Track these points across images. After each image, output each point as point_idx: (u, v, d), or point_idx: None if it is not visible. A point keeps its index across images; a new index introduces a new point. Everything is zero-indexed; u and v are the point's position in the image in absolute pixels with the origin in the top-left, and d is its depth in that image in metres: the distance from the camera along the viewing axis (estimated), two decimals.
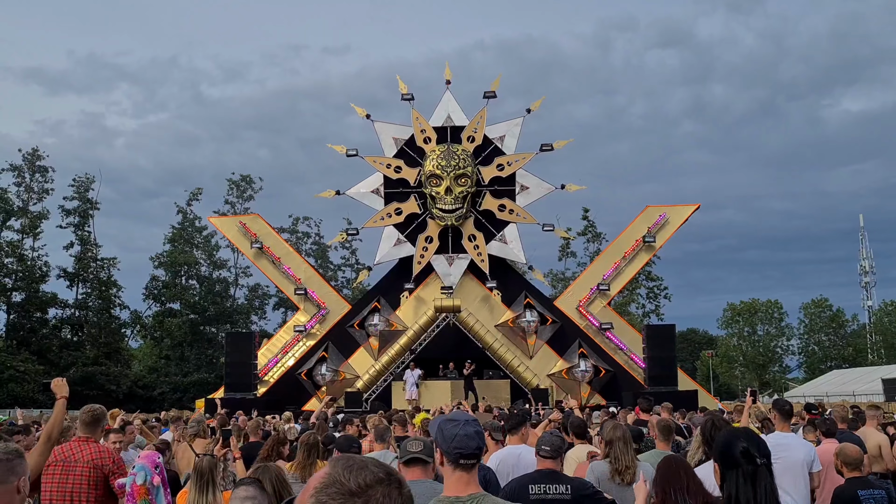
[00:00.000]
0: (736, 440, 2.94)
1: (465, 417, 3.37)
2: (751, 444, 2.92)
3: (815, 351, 72.16)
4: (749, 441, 2.94)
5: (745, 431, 3.03)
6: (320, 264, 61.35)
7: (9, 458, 3.49)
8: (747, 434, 3.00)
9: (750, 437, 2.98)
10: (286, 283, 31.04)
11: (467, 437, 3.21)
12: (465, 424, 3.27)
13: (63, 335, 52.57)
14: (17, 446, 3.79)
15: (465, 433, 3.22)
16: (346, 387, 27.71)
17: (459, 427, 3.23)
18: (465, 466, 3.18)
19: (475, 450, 3.22)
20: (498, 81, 31.66)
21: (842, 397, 36.40)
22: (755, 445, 2.92)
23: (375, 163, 31.00)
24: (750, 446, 2.92)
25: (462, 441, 3.19)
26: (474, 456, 3.21)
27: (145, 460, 4.47)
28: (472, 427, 3.28)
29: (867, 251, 79.22)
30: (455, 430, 3.22)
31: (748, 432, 3.03)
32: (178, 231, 57.14)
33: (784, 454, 6.99)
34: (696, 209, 31.17)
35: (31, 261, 50.62)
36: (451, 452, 3.17)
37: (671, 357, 27.53)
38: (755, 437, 3.00)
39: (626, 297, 58.90)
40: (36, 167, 51.50)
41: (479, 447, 3.23)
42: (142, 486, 4.32)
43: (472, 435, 3.23)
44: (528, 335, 28.60)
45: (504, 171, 30.36)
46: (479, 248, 29.76)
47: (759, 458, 2.88)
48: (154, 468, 4.41)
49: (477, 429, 3.27)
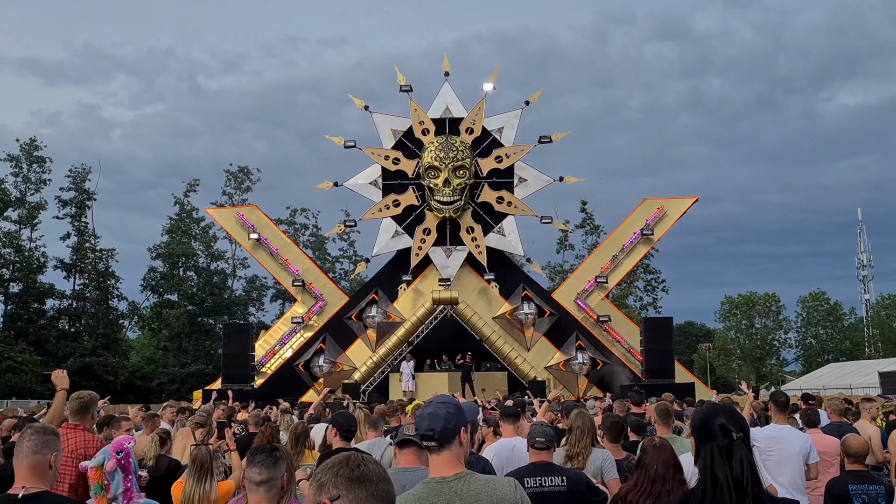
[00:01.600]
0: (714, 414, 2.90)
1: (441, 399, 3.27)
2: (728, 419, 2.87)
3: (812, 344, 72.26)
4: (727, 415, 2.89)
5: (724, 407, 2.99)
6: (318, 256, 61.30)
7: (45, 432, 3.96)
8: (725, 409, 2.96)
9: (728, 412, 2.93)
10: (284, 275, 31.03)
11: (420, 417, 3.18)
12: (427, 405, 3.23)
13: (61, 326, 52.53)
14: (54, 427, 4.29)
15: (420, 414, 3.19)
16: (343, 378, 27.74)
17: (430, 406, 3.19)
18: (429, 448, 3.14)
19: (426, 430, 3.12)
20: (496, 74, 31.62)
21: (839, 390, 36.47)
22: (733, 420, 2.87)
23: (374, 154, 30.95)
24: (728, 421, 2.86)
25: (417, 422, 3.19)
26: (429, 437, 3.12)
27: (111, 445, 4.47)
28: (430, 408, 3.18)
29: (865, 245, 79.20)
30: (423, 410, 3.20)
31: (727, 408, 3.00)
32: (176, 222, 57.06)
33: (779, 446, 7.02)
34: (694, 202, 31.18)
35: (29, 251, 50.55)
36: (419, 432, 3.17)
37: (668, 350, 27.60)
38: (733, 412, 2.94)
39: (624, 289, 58.92)
40: (33, 157, 51.35)
41: (430, 428, 3.10)
42: (95, 470, 4.30)
43: (424, 416, 3.16)
44: (526, 327, 28.62)
45: (502, 163, 30.32)
46: (477, 240, 29.75)
47: (736, 432, 2.82)
48: (116, 453, 4.39)
49: (434, 410, 3.15)
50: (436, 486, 3.08)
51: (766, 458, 7.03)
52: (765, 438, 7.43)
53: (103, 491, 4.34)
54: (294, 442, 6.74)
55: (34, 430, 4.00)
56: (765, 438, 7.43)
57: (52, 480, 3.95)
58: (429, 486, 3.10)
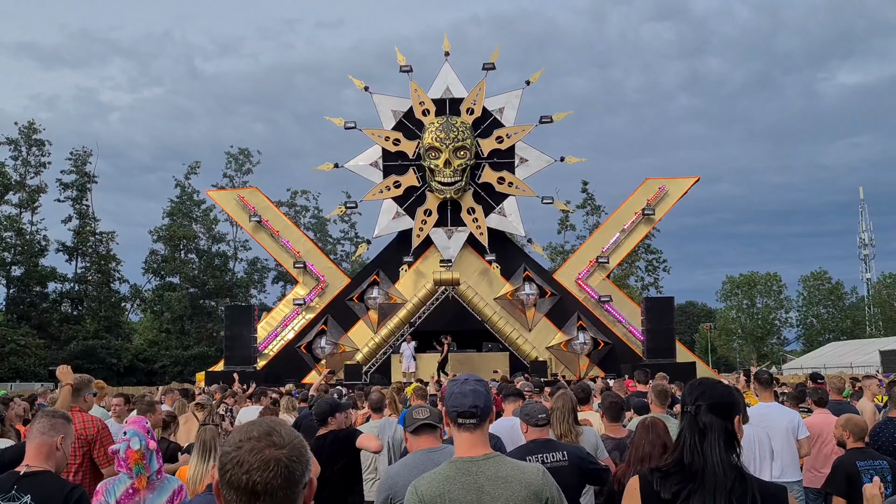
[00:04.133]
0: (695, 387, 2.85)
1: (468, 377, 3.27)
2: (688, 392, 2.83)
3: (813, 323, 72.38)
4: (689, 388, 2.84)
5: (710, 380, 2.90)
6: (319, 238, 61.31)
7: (53, 416, 4.15)
8: (694, 384, 2.88)
9: (692, 386, 2.86)
10: (285, 257, 31.03)
11: (462, 394, 3.13)
12: (464, 383, 3.20)
13: (63, 309, 52.67)
14: (66, 412, 4.45)
15: (460, 391, 3.14)
16: (345, 360, 27.82)
17: (457, 385, 3.17)
18: (466, 426, 3.10)
19: (470, 407, 3.10)
20: (497, 53, 31.42)
21: (840, 369, 36.57)
22: (691, 392, 2.81)
23: (374, 135, 30.84)
24: (687, 394, 2.82)
25: (457, 399, 3.13)
26: (471, 414, 3.11)
27: (135, 426, 4.49)
28: (470, 385, 3.17)
29: (867, 224, 79.06)
30: (452, 388, 3.17)
31: (696, 382, 2.90)
32: (177, 205, 57.03)
33: (765, 423, 7.09)
34: (695, 181, 31.08)
35: (30, 235, 50.60)
36: (450, 412, 3.12)
37: (670, 329, 27.64)
38: (697, 385, 2.85)
39: (626, 269, 58.95)
40: (32, 141, 51.22)
41: (474, 405, 3.10)
42: (136, 452, 4.36)
43: (466, 392, 3.13)
44: (527, 308, 28.65)
45: (503, 144, 30.22)
46: (478, 220, 29.72)
47: (689, 404, 2.76)
48: (146, 433, 4.45)
49: (475, 387, 3.16)
50: (464, 465, 3.04)
51: (754, 438, 7.10)
52: (754, 417, 7.49)
53: (144, 471, 4.40)
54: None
55: (44, 413, 4.21)
56: (754, 417, 7.49)
57: (59, 461, 4.10)
58: (456, 465, 3.06)
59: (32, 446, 4.02)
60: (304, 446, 1.80)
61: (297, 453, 1.76)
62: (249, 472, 1.70)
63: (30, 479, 3.86)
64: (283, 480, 1.72)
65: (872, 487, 3.70)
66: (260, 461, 1.71)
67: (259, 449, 1.73)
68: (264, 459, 1.71)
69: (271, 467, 1.71)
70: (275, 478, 1.71)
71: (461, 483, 2.99)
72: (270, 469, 1.71)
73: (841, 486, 5.67)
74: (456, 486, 2.98)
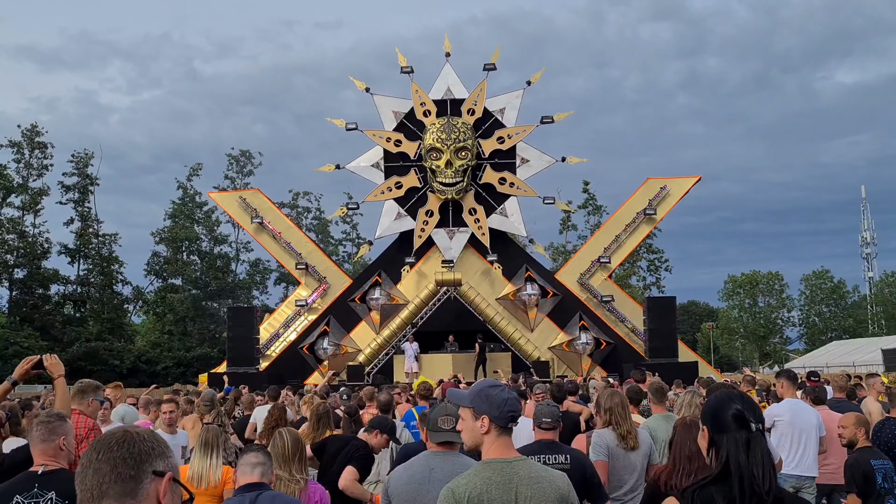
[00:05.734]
0: (729, 402, 2.66)
1: (501, 384, 3.51)
2: (745, 407, 2.64)
3: (815, 322, 72.27)
4: (743, 403, 2.65)
5: (739, 394, 2.75)
6: (321, 239, 61.32)
7: (49, 421, 4.13)
8: (740, 396, 2.72)
9: (743, 399, 2.69)
10: (287, 258, 31.06)
11: (515, 400, 3.35)
12: (509, 390, 3.42)
13: (66, 311, 52.70)
14: (60, 411, 4.47)
15: (513, 397, 3.36)
16: (348, 360, 27.84)
17: (506, 392, 3.35)
18: (510, 430, 3.31)
19: (519, 412, 3.38)
20: (498, 53, 31.41)
21: (842, 368, 36.54)
22: (749, 408, 2.64)
23: (375, 136, 30.86)
24: (744, 409, 2.63)
25: (513, 404, 3.31)
26: (518, 418, 3.36)
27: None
28: (514, 392, 3.49)
29: (869, 222, 78.98)
30: (504, 395, 3.32)
31: (742, 395, 2.75)
32: (179, 206, 57.04)
33: (797, 419, 7.19)
34: (697, 181, 31.07)
35: (33, 237, 50.59)
36: (504, 416, 3.26)
37: (672, 329, 27.61)
38: (748, 399, 2.70)
39: (627, 269, 58.89)
40: (35, 143, 51.24)
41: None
42: None
43: (516, 398, 3.40)
44: (529, 308, 28.64)
45: (504, 144, 30.23)
46: (480, 221, 29.72)
47: (755, 423, 2.59)
48: None
49: (514, 395, 3.42)
50: (499, 466, 3.18)
51: (789, 430, 7.17)
52: (787, 412, 7.54)
53: None
54: (316, 422, 6.86)
55: (38, 420, 4.21)
56: (787, 412, 7.54)
57: (66, 458, 4.16)
58: (491, 466, 3.19)
59: (37, 452, 4.09)
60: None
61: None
62: None
63: (48, 477, 3.95)
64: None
65: None
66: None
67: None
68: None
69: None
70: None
71: (498, 483, 3.13)
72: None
73: (860, 484, 5.75)
74: (493, 486, 3.12)
